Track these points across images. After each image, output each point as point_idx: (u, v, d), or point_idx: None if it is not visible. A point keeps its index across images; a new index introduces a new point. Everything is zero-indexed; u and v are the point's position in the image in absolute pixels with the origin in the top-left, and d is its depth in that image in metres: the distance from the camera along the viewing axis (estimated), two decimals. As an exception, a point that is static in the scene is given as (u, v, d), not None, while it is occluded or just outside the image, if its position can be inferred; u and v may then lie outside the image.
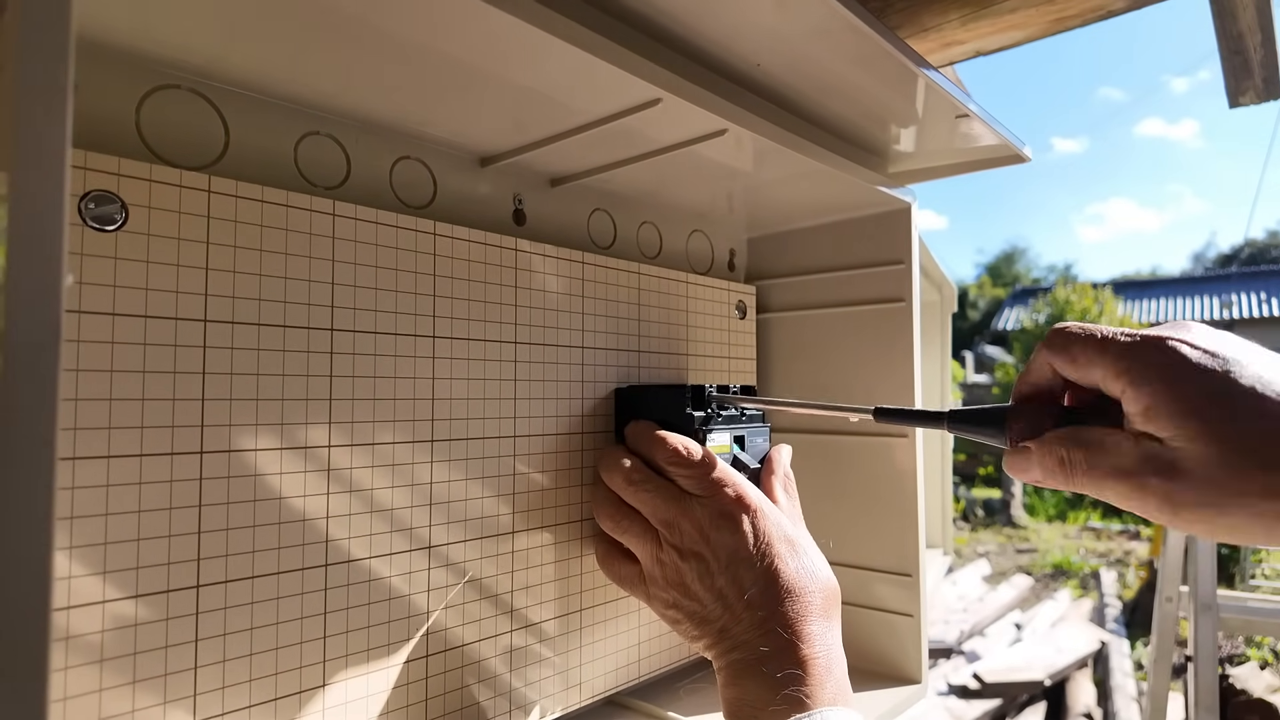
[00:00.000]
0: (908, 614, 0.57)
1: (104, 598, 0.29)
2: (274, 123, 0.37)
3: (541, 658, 0.46)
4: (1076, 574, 4.86)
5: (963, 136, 0.52)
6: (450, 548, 0.41)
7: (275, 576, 0.34)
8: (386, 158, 0.42)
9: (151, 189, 0.31)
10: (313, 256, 0.36)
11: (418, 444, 0.40)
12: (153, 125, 0.33)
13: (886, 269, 0.59)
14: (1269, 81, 0.99)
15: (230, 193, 0.33)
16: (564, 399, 0.47)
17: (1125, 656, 3.23)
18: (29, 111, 0.18)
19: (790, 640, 0.37)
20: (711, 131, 0.42)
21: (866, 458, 0.59)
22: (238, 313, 0.33)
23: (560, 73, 0.36)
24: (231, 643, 0.33)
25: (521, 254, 0.45)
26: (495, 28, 0.31)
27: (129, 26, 0.31)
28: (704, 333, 0.58)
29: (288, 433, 0.35)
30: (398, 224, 0.39)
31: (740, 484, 0.42)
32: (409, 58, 0.34)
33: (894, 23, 0.68)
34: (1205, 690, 1.33)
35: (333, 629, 0.36)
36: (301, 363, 0.35)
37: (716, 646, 0.40)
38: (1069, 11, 0.66)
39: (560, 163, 0.48)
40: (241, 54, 0.33)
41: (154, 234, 0.31)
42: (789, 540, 0.41)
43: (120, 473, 0.30)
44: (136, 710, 0.30)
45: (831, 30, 0.37)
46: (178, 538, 0.31)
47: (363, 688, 0.37)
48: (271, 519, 0.34)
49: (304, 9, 0.30)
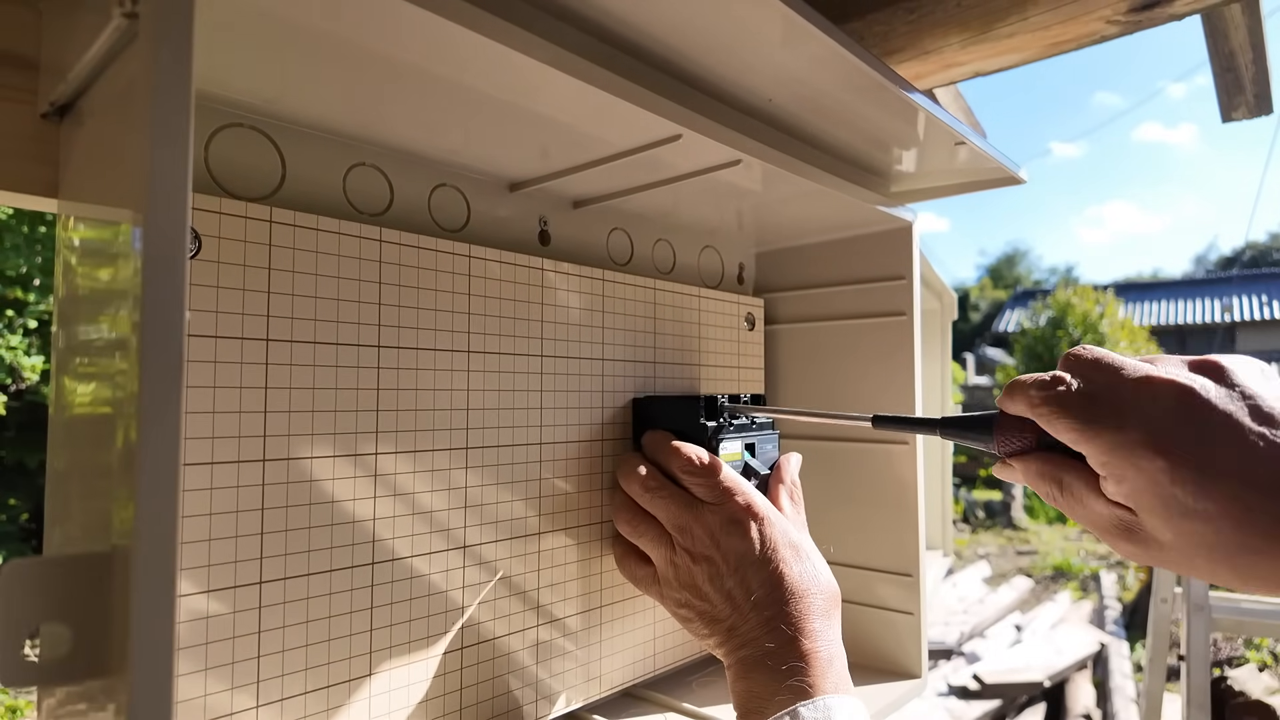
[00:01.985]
0: (908, 612, 0.60)
1: (181, 592, 0.32)
2: (325, 155, 0.40)
3: (565, 651, 0.49)
4: (1077, 576, 4.88)
5: (961, 159, 0.55)
6: (483, 548, 0.44)
7: (328, 574, 0.37)
8: (425, 185, 0.45)
9: (221, 220, 0.34)
10: (361, 280, 0.39)
11: (454, 451, 0.43)
12: (220, 161, 0.36)
13: (888, 284, 0.62)
14: (1260, 97, 1.03)
15: (289, 222, 0.36)
16: (585, 409, 0.51)
17: (1125, 658, 3.25)
18: (160, 158, 0.20)
19: (793, 636, 0.40)
20: (727, 161, 0.45)
21: (869, 463, 0.62)
22: (296, 332, 0.36)
23: (588, 110, 0.39)
24: (290, 634, 0.36)
25: (547, 273, 0.48)
26: (529, 73, 0.34)
27: (198, 71, 0.34)
28: (715, 344, 0.61)
29: (339, 441, 0.38)
30: (437, 248, 0.42)
31: (749, 492, 0.45)
32: (449, 96, 0.37)
33: (897, 45, 0.71)
34: (1198, 690, 1.36)
35: (378, 622, 0.39)
36: (352, 377, 0.38)
37: (726, 644, 0.43)
38: (1065, 37, 0.70)
39: (583, 187, 0.51)
40: (296, 95, 0.37)
41: (223, 261, 0.34)
42: (793, 545, 0.44)
43: (195, 479, 0.33)
44: (209, 694, 0.33)
45: (833, 65, 0.40)
46: (243, 538, 0.34)
47: (404, 676, 0.40)
48: (324, 521, 0.37)
49: (352, 53, 0.33)
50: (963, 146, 0.51)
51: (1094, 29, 0.68)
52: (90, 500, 0.25)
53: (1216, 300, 11.65)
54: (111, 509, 0.22)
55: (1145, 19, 0.67)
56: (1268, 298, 11.17)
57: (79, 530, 0.27)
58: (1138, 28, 0.69)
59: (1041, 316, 7.78)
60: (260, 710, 0.35)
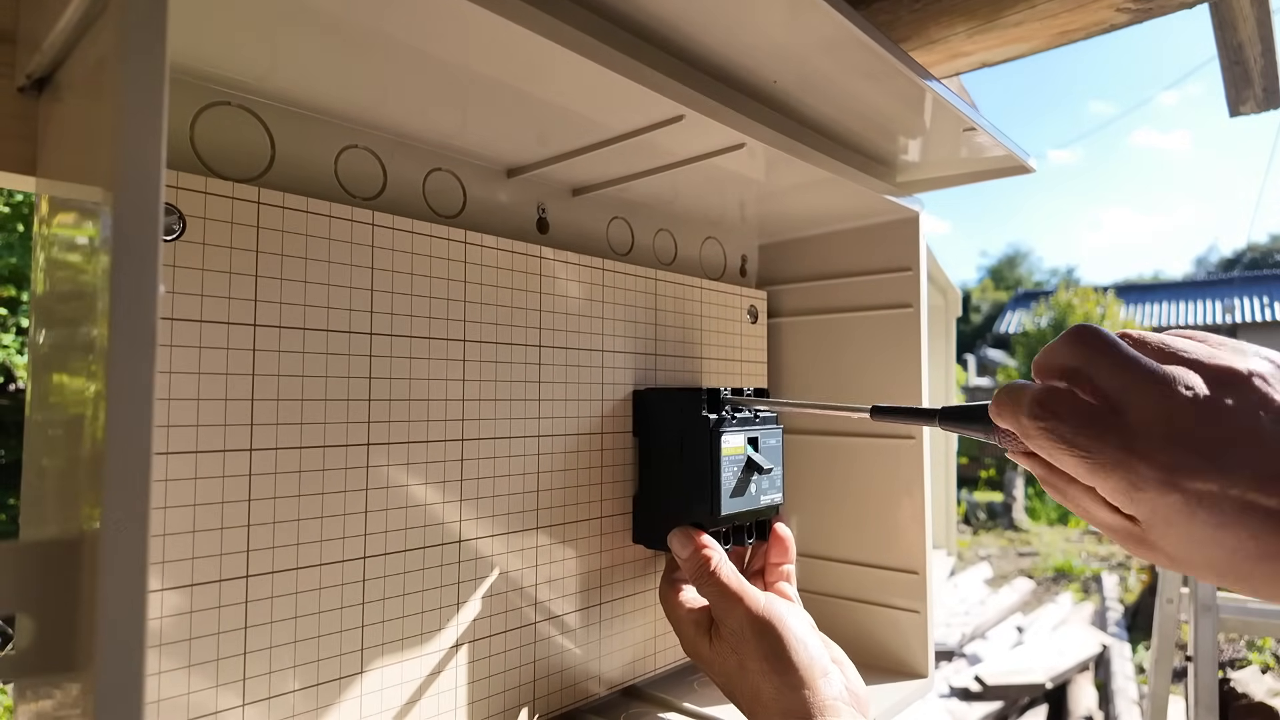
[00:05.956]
0: (914, 610, 0.59)
1: (162, 586, 0.31)
2: (316, 136, 0.39)
3: (563, 649, 0.48)
4: (1078, 577, 4.86)
5: (969, 148, 0.54)
6: (479, 542, 0.43)
7: (318, 568, 0.36)
8: (420, 169, 0.44)
9: (207, 200, 0.33)
10: (353, 264, 0.38)
11: (449, 443, 0.41)
12: (206, 140, 0.35)
13: (895, 275, 0.60)
14: (1269, 91, 1.01)
15: (278, 204, 0.35)
16: (585, 400, 0.49)
17: (1126, 660, 3.24)
18: (130, 134, 0.19)
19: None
20: (730, 145, 0.44)
21: (875, 459, 0.61)
22: (284, 318, 0.35)
23: (587, 90, 0.37)
24: (278, 630, 0.35)
25: (545, 261, 0.47)
26: (528, 49, 0.32)
27: (183, 47, 0.33)
28: (717, 336, 0.60)
29: (330, 431, 0.36)
30: (431, 233, 0.41)
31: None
32: (443, 75, 0.36)
33: (902, 35, 0.70)
34: (1205, 691, 1.34)
35: (370, 619, 0.38)
36: (343, 365, 0.37)
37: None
38: (1073, 25, 0.68)
39: (582, 173, 0.50)
40: (286, 72, 0.35)
41: (209, 243, 0.33)
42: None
43: (178, 468, 0.32)
44: (192, 692, 0.32)
45: (842, 46, 0.39)
46: (229, 530, 0.33)
47: (397, 675, 0.39)
48: (314, 513, 0.36)
49: (344, 30, 0.32)
50: (971, 133, 0.50)
51: (1103, 17, 0.67)
52: (63, 484, 0.24)
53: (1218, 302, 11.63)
54: (81, 492, 0.21)
55: (1155, 6, 0.65)
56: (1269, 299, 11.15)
57: (50, 516, 0.25)
58: (1148, 16, 0.68)
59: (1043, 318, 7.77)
60: (246, 709, 0.34)
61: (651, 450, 0.52)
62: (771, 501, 0.51)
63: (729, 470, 0.48)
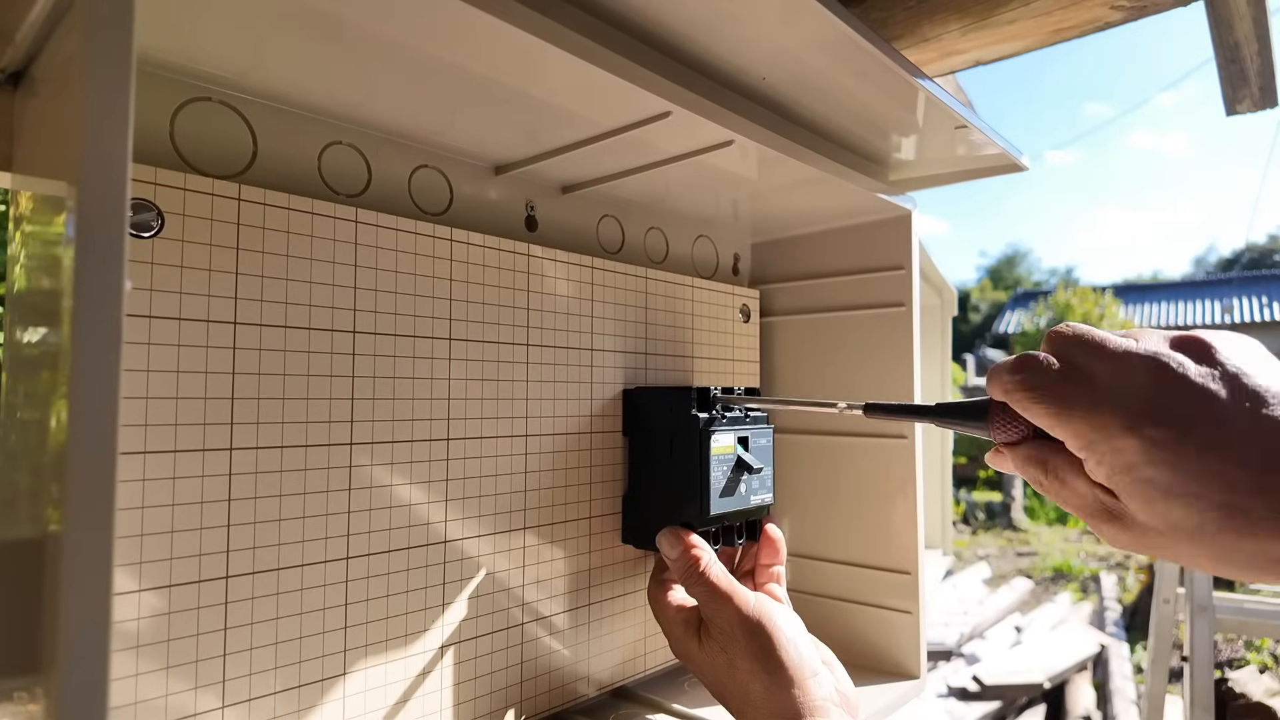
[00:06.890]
0: (906, 611, 0.58)
1: (140, 586, 0.31)
2: (299, 133, 0.39)
3: (552, 650, 0.47)
4: (1077, 577, 4.86)
5: (962, 146, 0.53)
6: (465, 543, 0.43)
7: (299, 569, 0.36)
8: (405, 166, 0.43)
9: (186, 197, 0.33)
10: (336, 262, 0.37)
11: (434, 442, 0.41)
12: (186, 136, 0.35)
13: (887, 274, 0.60)
14: (1265, 90, 1.01)
15: (259, 200, 0.35)
16: (574, 399, 0.49)
17: (1125, 660, 3.24)
18: (94, 128, 0.19)
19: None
20: (719, 142, 0.44)
21: (867, 458, 0.61)
22: (265, 316, 0.35)
23: (574, 86, 0.37)
24: (258, 631, 0.34)
25: (534, 259, 0.47)
26: (513, 44, 0.32)
27: (163, 42, 0.32)
28: (709, 335, 0.60)
29: (312, 431, 0.36)
30: (416, 230, 0.41)
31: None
32: (429, 71, 0.35)
33: (895, 33, 0.69)
34: (1201, 691, 1.34)
35: (353, 620, 0.38)
36: (325, 363, 0.37)
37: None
38: (1067, 23, 0.68)
39: (571, 171, 0.50)
40: (268, 67, 0.35)
41: (188, 240, 0.33)
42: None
43: (156, 468, 0.31)
44: (170, 694, 0.31)
45: (834, 44, 0.39)
46: (209, 530, 0.33)
47: (381, 676, 0.39)
48: (296, 513, 0.36)
49: (328, 25, 0.31)
50: (964, 131, 0.50)
51: (1097, 15, 0.66)
52: (31, 484, 0.24)
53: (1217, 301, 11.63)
54: (46, 492, 0.21)
55: (1149, 4, 0.65)
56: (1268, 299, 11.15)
57: (20, 516, 0.25)
58: (1141, 14, 0.67)
59: (1041, 318, 7.77)
60: (226, 711, 0.33)
61: (641, 450, 0.52)
62: (762, 501, 0.51)
63: (718, 470, 0.48)
